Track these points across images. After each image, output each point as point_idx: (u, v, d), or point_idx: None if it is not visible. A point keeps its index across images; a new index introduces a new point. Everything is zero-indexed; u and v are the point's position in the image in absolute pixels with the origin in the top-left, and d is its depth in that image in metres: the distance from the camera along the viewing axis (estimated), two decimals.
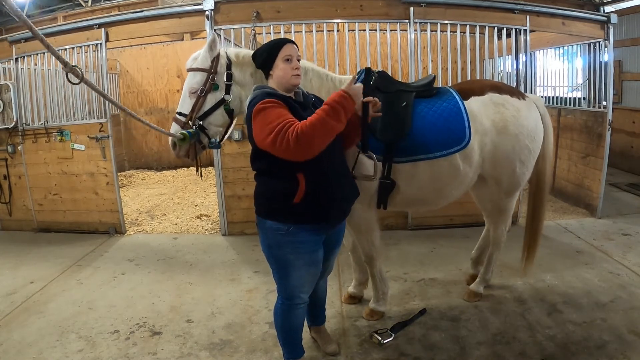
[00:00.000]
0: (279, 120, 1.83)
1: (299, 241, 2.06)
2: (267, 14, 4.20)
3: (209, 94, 2.35)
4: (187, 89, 2.37)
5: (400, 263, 3.75)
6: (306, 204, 1.99)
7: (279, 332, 2.31)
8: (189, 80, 2.37)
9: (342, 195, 2.14)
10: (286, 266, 2.11)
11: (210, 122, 2.38)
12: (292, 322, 2.25)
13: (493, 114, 2.68)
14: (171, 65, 8.05)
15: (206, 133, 2.38)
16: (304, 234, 2.06)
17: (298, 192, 1.96)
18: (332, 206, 2.07)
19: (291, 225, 2.03)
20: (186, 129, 2.33)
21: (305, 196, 1.97)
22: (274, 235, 2.07)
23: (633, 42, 6.66)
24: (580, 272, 3.45)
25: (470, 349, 2.54)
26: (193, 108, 2.34)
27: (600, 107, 4.85)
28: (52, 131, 4.72)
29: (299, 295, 2.19)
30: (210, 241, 4.52)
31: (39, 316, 3.08)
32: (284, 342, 2.33)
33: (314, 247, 2.12)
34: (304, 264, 2.12)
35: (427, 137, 2.50)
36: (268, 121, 1.84)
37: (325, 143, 1.86)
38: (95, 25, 4.47)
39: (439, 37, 4.26)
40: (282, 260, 2.11)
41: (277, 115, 1.85)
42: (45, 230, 4.99)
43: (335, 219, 2.14)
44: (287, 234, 2.04)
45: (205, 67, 2.35)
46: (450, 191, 2.68)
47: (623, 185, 5.98)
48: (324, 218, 2.07)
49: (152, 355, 2.60)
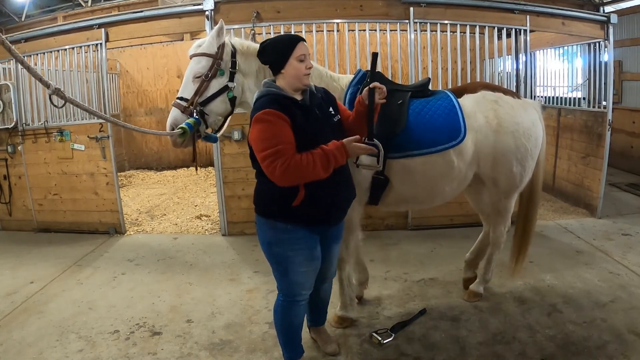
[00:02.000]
0: (274, 141, 1.87)
1: (298, 238, 2.08)
2: (267, 14, 4.20)
3: (214, 79, 2.35)
4: (190, 74, 2.36)
5: (400, 263, 3.75)
6: (305, 207, 2.01)
7: (279, 331, 2.30)
8: (193, 66, 2.36)
9: (343, 197, 2.15)
10: (286, 263, 2.12)
11: (212, 109, 2.36)
12: (292, 320, 2.25)
13: (486, 111, 2.67)
14: (171, 65, 8.05)
15: (205, 120, 2.37)
16: (303, 231, 2.08)
17: (297, 195, 1.98)
18: (331, 209, 2.10)
19: (285, 223, 2.05)
20: (186, 113, 2.32)
21: (305, 199, 1.99)
22: (273, 233, 2.09)
23: (633, 42, 6.66)
24: (580, 272, 3.45)
25: (470, 349, 2.54)
26: (196, 92, 2.33)
27: (600, 107, 4.85)
28: (52, 131, 4.73)
29: (300, 292, 2.20)
30: (210, 241, 4.52)
31: (39, 316, 3.08)
32: (284, 342, 2.33)
33: (313, 243, 2.14)
34: (304, 260, 2.13)
35: (422, 133, 2.51)
36: (264, 137, 1.89)
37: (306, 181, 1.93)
38: (95, 25, 4.48)
39: (439, 37, 4.26)
40: (281, 257, 2.13)
41: (274, 135, 1.88)
42: (45, 230, 5.00)
43: (336, 220, 2.18)
44: (285, 231, 2.06)
45: (211, 52, 2.34)
46: (443, 188, 2.66)
47: (623, 185, 5.98)
48: (324, 221, 2.10)
49: (152, 355, 2.60)
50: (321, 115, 2.09)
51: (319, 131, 2.02)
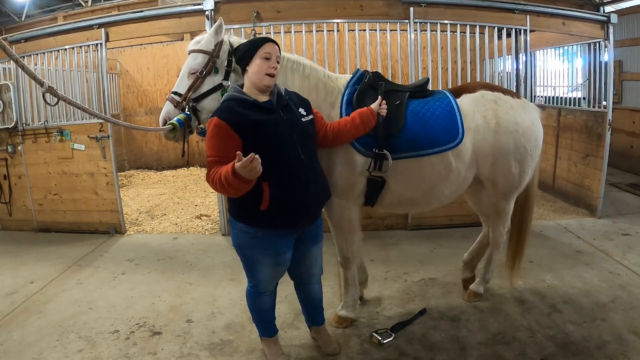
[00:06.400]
0: (213, 153, 1.97)
1: (267, 244, 2.15)
2: (267, 14, 4.20)
3: (208, 76, 2.37)
4: (186, 70, 2.39)
5: (400, 263, 3.75)
6: (273, 211, 2.05)
7: (251, 312, 2.46)
8: (190, 62, 2.39)
9: (311, 201, 2.16)
10: (253, 263, 2.23)
11: (204, 106, 2.38)
12: (260, 306, 2.40)
13: (485, 111, 2.64)
14: (171, 65, 8.05)
15: (198, 117, 2.39)
16: (272, 238, 2.14)
17: (263, 200, 2.02)
18: (299, 213, 2.13)
19: (259, 229, 2.11)
20: (179, 108, 2.34)
21: (271, 204, 2.03)
22: (243, 237, 2.15)
23: (633, 42, 6.66)
24: (580, 272, 3.45)
25: (470, 349, 2.54)
26: (190, 88, 2.36)
27: (600, 107, 4.85)
28: (52, 131, 4.73)
29: (263, 287, 2.32)
30: (210, 241, 4.52)
31: (39, 316, 3.08)
32: (255, 322, 2.49)
33: (282, 249, 2.19)
34: (271, 264, 2.22)
35: (419, 134, 2.49)
36: (209, 145, 1.99)
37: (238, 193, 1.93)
38: (95, 25, 4.48)
39: (439, 37, 4.26)
40: (250, 259, 2.23)
41: (214, 146, 1.97)
42: (45, 230, 5.00)
43: (304, 224, 2.20)
44: (254, 236, 2.12)
45: (208, 49, 2.38)
46: (442, 190, 2.63)
47: (623, 185, 5.98)
48: (292, 224, 2.15)
49: (152, 355, 2.60)
50: (287, 116, 2.10)
51: (283, 131, 2.05)
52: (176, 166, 8.28)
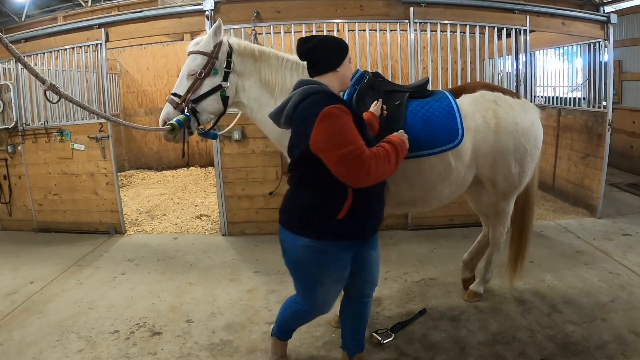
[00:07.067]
0: (351, 138, 1.72)
1: (335, 259, 1.97)
2: (267, 14, 4.20)
3: (207, 77, 2.37)
4: (185, 71, 2.40)
5: (400, 263, 3.75)
6: (349, 219, 1.90)
7: (281, 313, 2.32)
8: (189, 63, 2.40)
9: (379, 206, 2.08)
10: (315, 284, 2.04)
11: (203, 107, 2.38)
12: (297, 321, 2.31)
13: (485, 110, 2.64)
14: (171, 65, 8.05)
15: (197, 118, 2.39)
16: (341, 251, 1.97)
17: (344, 206, 1.86)
18: (374, 219, 2.04)
19: (324, 242, 1.92)
20: (178, 109, 2.34)
21: (350, 211, 1.88)
22: (307, 253, 1.94)
23: (633, 42, 6.66)
24: (580, 272, 3.45)
25: (470, 349, 2.54)
26: (189, 89, 2.36)
27: (600, 107, 4.85)
28: (52, 131, 4.73)
29: (318, 310, 2.17)
30: (210, 241, 4.52)
31: (39, 316, 3.08)
32: (279, 322, 2.35)
33: (347, 263, 2.03)
34: (334, 281, 2.05)
35: (419, 135, 2.48)
36: (339, 132, 1.72)
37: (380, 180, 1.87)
38: (95, 25, 4.48)
39: (439, 37, 4.26)
40: (312, 279, 2.04)
41: (349, 130, 1.74)
42: (45, 230, 5.00)
43: (371, 232, 2.11)
44: (321, 251, 1.94)
45: (207, 51, 2.38)
46: (442, 191, 2.63)
47: (623, 185, 5.98)
48: (362, 233, 2.01)
49: (152, 355, 2.60)
50: None
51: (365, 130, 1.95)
52: (176, 166, 8.28)
